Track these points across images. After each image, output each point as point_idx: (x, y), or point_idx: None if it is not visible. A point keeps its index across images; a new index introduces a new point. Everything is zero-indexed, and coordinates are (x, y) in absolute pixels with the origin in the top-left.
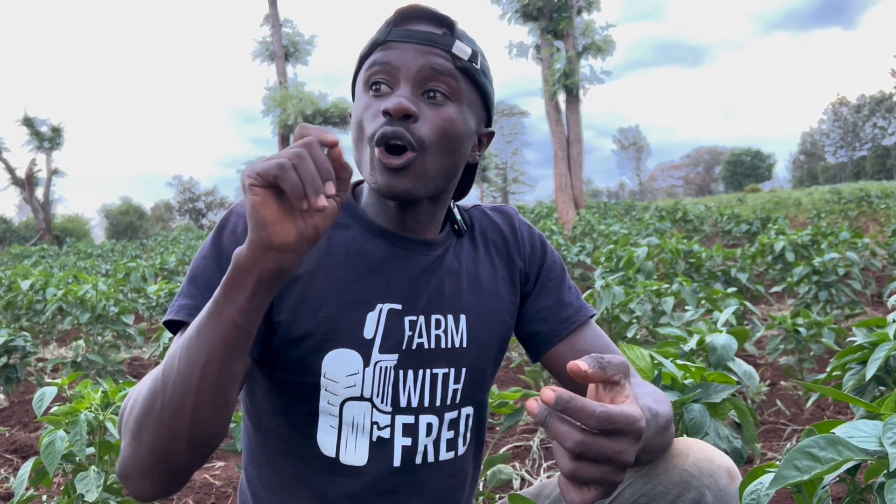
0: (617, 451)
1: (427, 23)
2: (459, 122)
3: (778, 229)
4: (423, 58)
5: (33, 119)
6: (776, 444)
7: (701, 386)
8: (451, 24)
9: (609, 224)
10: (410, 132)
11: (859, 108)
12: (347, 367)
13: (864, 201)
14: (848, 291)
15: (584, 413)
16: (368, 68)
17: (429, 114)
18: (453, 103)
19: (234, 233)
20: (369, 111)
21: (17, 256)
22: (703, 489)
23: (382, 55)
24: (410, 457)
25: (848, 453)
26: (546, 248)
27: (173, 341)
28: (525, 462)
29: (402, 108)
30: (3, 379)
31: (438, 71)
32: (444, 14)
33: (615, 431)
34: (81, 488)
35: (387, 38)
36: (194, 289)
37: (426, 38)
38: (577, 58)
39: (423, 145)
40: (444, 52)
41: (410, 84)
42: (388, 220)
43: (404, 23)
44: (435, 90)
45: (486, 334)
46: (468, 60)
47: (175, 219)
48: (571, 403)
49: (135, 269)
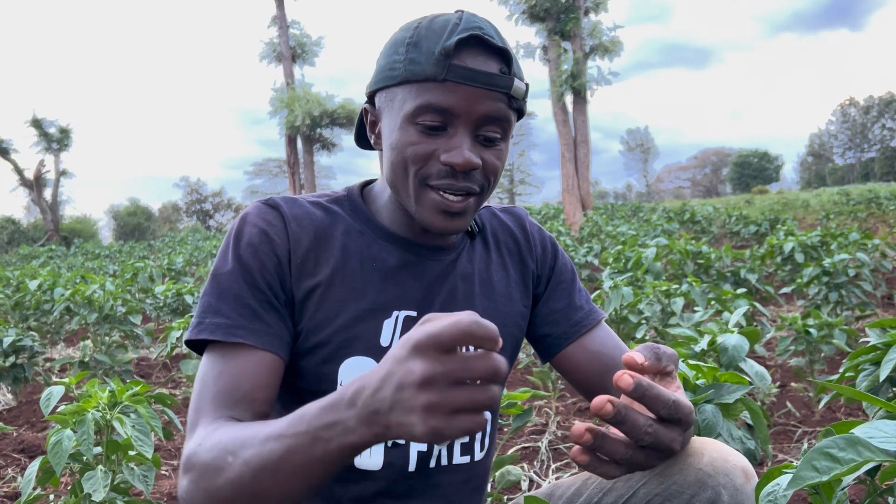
0: (672, 439)
1: (486, 56)
2: (505, 158)
3: (787, 230)
4: (483, 104)
5: (42, 120)
6: (786, 447)
7: (713, 386)
8: (510, 57)
9: (616, 225)
10: (473, 182)
11: (868, 110)
12: (362, 372)
13: (874, 203)
14: (858, 293)
15: (659, 401)
16: (424, 106)
17: (486, 157)
18: (504, 141)
19: (251, 244)
20: (420, 148)
21: (26, 257)
22: (718, 488)
23: (441, 97)
24: (425, 461)
25: (868, 454)
26: (557, 251)
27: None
28: (533, 463)
29: (468, 165)
30: (10, 379)
31: (497, 117)
32: (502, 45)
33: (676, 420)
34: (89, 488)
35: (445, 77)
36: (226, 307)
37: (488, 82)
38: (584, 59)
39: (483, 189)
40: (503, 96)
41: (469, 130)
42: (403, 228)
43: (463, 56)
44: (492, 132)
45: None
46: (521, 98)
47: (182, 220)
48: (650, 390)
49: (142, 270)
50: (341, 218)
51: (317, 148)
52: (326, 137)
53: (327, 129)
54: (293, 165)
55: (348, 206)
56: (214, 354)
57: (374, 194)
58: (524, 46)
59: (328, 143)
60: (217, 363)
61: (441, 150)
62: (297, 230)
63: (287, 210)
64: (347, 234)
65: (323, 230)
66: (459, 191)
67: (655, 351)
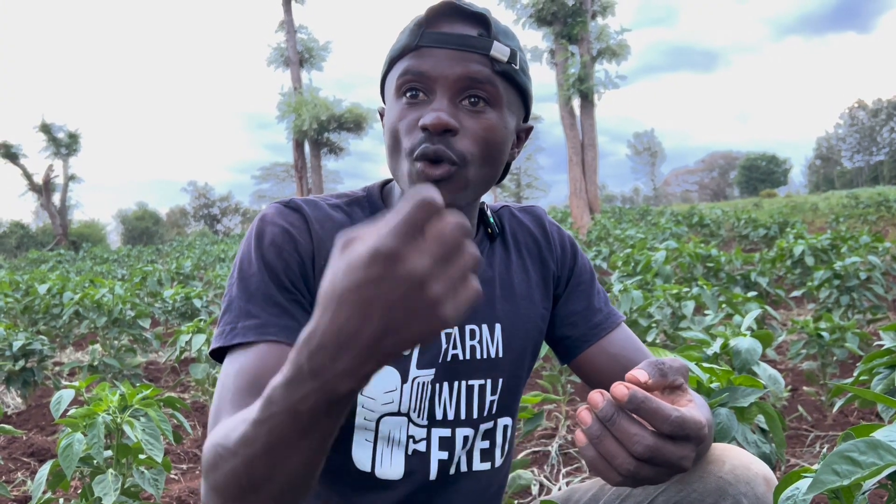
0: (681, 456)
1: (462, 22)
2: (500, 129)
3: (797, 233)
4: (459, 65)
5: (50, 125)
6: (799, 451)
7: (728, 390)
8: (487, 21)
9: (625, 229)
10: (451, 147)
11: (876, 113)
12: (385, 384)
13: (883, 206)
14: (870, 296)
15: (658, 416)
16: (401, 75)
17: (469, 124)
18: (493, 109)
19: (275, 244)
20: (405, 122)
21: (35, 261)
22: (739, 497)
23: (415, 63)
24: (446, 469)
25: (890, 458)
26: (576, 251)
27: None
28: (544, 467)
29: (441, 124)
30: (20, 382)
31: (477, 79)
32: (479, 10)
33: (684, 437)
34: (99, 491)
35: (419, 43)
36: (255, 307)
37: (462, 43)
38: (591, 62)
39: (465, 159)
40: (481, 57)
41: (448, 94)
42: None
43: (437, 24)
44: (474, 97)
45: (520, 342)
46: (507, 62)
47: (190, 224)
48: (646, 404)
49: (151, 274)
50: (361, 220)
51: (324, 152)
52: (334, 142)
53: (335, 133)
54: (301, 170)
55: (368, 208)
56: (237, 354)
57: (392, 194)
58: (531, 50)
59: (336, 148)
60: (238, 361)
61: (422, 117)
62: (320, 232)
63: (309, 212)
64: None
65: None
66: (436, 154)
67: (660, 367)
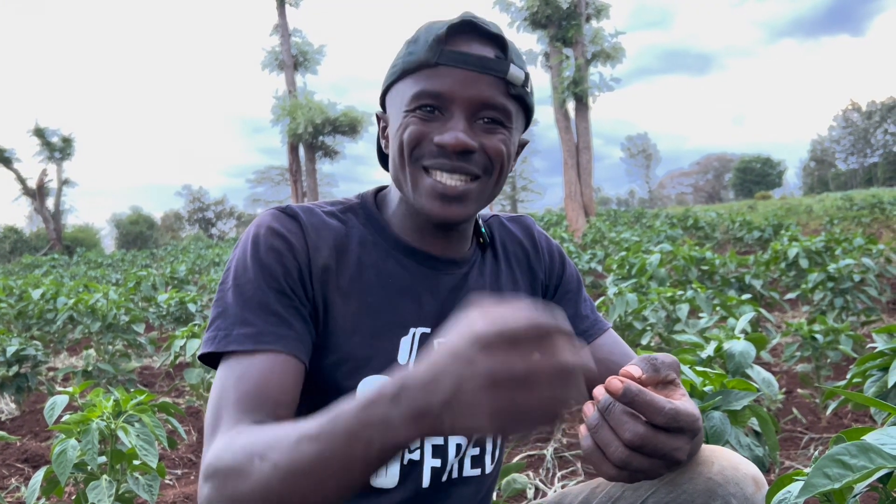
0: (674, 447)
1: (480, 42)
2: (510, 148)
3: (791, 236)
4: (477, 87)
5: (44, 130)
6: (793, 453)
7: (721, 393)
8: (505, 43)
9: (620, 232)
10: (470, 163)
11: (870, 115)
12: None
13: (877, 208)
14: (864, 298)
15: (652, 408)
16: (417, 93)
17: (485, 142)
18: (505, 129)
19: (273, 248)
20: (415, 133)
21: (28, 266)
22: (729, 498)
23: (434, 81)
24: (439, 476)
25: (881, 461)
26: (564, 260)
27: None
28: (539, 471)
29: (461, 145)
30: (14, 388)
31: (493, 102)
32: (497, 31)
33: (677, 429)
34: (93, 497)
35: (437, 61)
36: (251, 314)
37: (481, 65)
38: (586, 65)
39: (486, 170)
40: (498, 80)
41: (465, 114)
42: (418, 238)
43: (456, 42)
44: (488, 117)
45: None
46: (521, 85)
47: (185, 228)
48: (640, 396)
49: (145, 279)
50: (356, 228)
51: (319, 156)
52: (329, 145)
53: (329, 136)
54: (295, 173)
55: (362, 215)
56: (235, 361)
57: (387, 201)
58: (526, 53)
59: (330, 151)
60: (238, 368)
61: (435, 132)
62: (316, 240)
63: (305, 219)
64: (362, 246)
65: (340, 241)
66: (453, 170)
67: (652, 362)
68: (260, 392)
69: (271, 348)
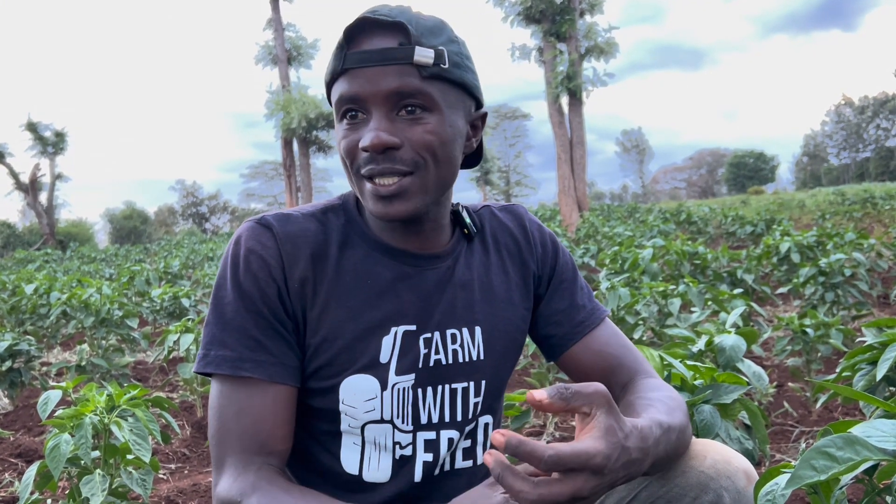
0: (574, 489)
1: (381, 35)
2: (443, 131)
3: (783, 231)
4: (386, 80)
5: (37, 124)
6: (784, 446)
7: (711, 387)
8: (406, 28)
9: (613, 226)
10: (398, 161)
11: (862, 110)
12: (365, 393)
13: (869, 202)
14: (854, 292)
15: (533, 457)
16: (337, 100)
17: (410, 134)
18: (433, 113)
19: (250, 271)
20: (348, 143)
21: (21, 261)
22: (720, 491)
23: (345, 86)
24: (431, 470)
25: (866, 453)
26: (558, 249)
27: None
28: None
29: (379, 144)
30: (7, 383)
31: (406, 91)
32: (394, 20)
33: (569, 471)
34: (87, 492)
35: (344, 66)
36: (231, 339)
37: (384, 57)
38: (579, 60)
39: (417, 165)
40: (407, 67)
41: (382, 110)
42: (395, 237)
43: (357, 41)
44: (409, 106)
45: (502, 343)
46: (434, 63)
47: (178, 223)
48: (521, 448)
49: (139, 273)
50: (335, 230)
51: (313, 150)
52: (322, 140)
53: (323, 131)
54: (289, 168)
55: (342, 216)
56: (227, 386)
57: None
58: (520, 48)
59: (324, 146)
60: (233, 398)
61: (363, 138)
62: (292, 252)
63: (280, 230)
64: (342, 249)
65: (318, 248)
66: (383, 173)
67: (562, 392)
68: (259, 430)
69: (251, 376)
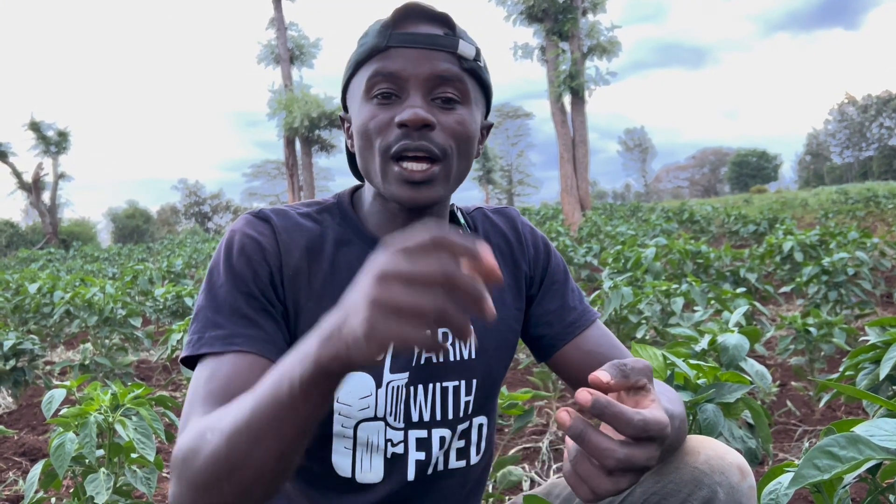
0: (647, 458)
1: (427, 23)
2: (471, 124)
3: (786, 229)
4: (429, 63)
5: (40, 123)
6: (787, 445)
7: (714, 386)
8: (452, 22)
9: (615, 225)
10: (431, 142)
11: (866, 109)
12: (360, 391)
13: (872, 201)
14: (858, 291)
15: (621, 420)
16: (371, 76)
17: (443, 119)
18: (464, 105)
19: (244, 253)
20: (377, 121)
21: (25, 260)
22: (714, 487)
23: (386, 63)
24: (423, 469)
25: (869, 452)
26: (550, 251)
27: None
28: (535, 463)
29: (419, 119)
30: (11, 382)
31: (447, 77)
32: (442, 12)
33: (648, 439)
34: (91, 490)
35: (388, 44)
36: (222, 318)
37: (431, 42)
38: (582, 59)
39: (446, 153)
40: (450, 55)
41: (420, 91)
42: (392, 234)
43: (404, 25)
44: (445, 94)
45: (494, 343)
46: (473, 59)
47: (181, 222)
48: (609, 409)
49: (142, 273)
50: (331, 228)
51: (315, 149)
52: (325, 139)
53: (326, 130)
54: (291, 167)
55: (338, 215)
56: (207, 362)
57: (363, 199)
58: (522, 47)
59: (327, 145)
60: (208, 369)
61: (396, 115)
62: (287, 242)
63: (277, 222)
64: (337, 246)
65: (313, 243)
66: (416, 150)
67: (622, 368)
68: (227, 388)
69: (239, 349)
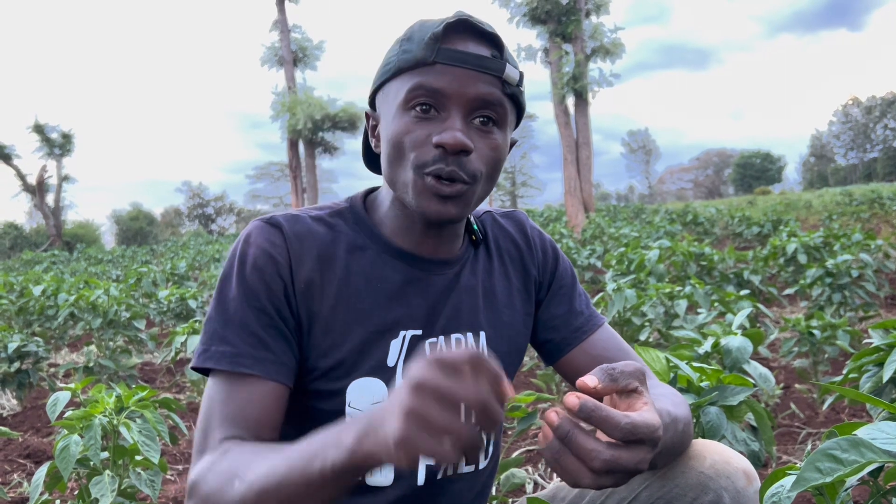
0: (637, 461)
1: (476, 41)
2: (504, 148)
3: (790, 231)
4: (475, 86)
5: (44, 126)
6: (791, 448)
7: (717, 388)
8: (501, 42)
9: (619, 227)
10: (464, 168)
11: (870, 110)
12: (372, 396)
13: (876, 203)
14: (861, 293)
15: (608, 423)
16: (414, 88)
17: (479, 144)
18: (500, 129)
19: (256, 266)
20: (414, 135)
21: (29, 262)
22: (720, 491)
23: (430, 79)
24: (433, 474)
25: (871, 455)
26: (558, 255)
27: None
28: (538, 466)
29: (459, 145)
30: (15, 384)
31: (490, 101)
32: (493, 31)
33: (636, 441)
34: (96, 493)
35: (435, 59)
36: (231, 333)
37: (479, 64)
38: (585, 61)
39: (475, 178)
40: (494, 79)
41: (461, 112)
42: (409, 241)
43: (453, 40)
44: (485, 117)
45: (505, 348)
46: (517, 84)
47: (184, 224)
48: (596, 412)
49: (146, 275)
50: (343, 233)
51: (319, 151)
52: (328, 141)
53: (329, 132)
54: (295, 169)
55: (351, 219)
56: (221, 380)
57: (377, 203)
58: (525, 49)
59: (330, 147)
60: (223, 389)
61: (434, 133)
62: (299, 251)
63: (289, 229)
64: (350, 252)
65: (326, 249)
66: (451, 176)
67: (610, 372)
68: (244, 416)
69: (250, 372)
